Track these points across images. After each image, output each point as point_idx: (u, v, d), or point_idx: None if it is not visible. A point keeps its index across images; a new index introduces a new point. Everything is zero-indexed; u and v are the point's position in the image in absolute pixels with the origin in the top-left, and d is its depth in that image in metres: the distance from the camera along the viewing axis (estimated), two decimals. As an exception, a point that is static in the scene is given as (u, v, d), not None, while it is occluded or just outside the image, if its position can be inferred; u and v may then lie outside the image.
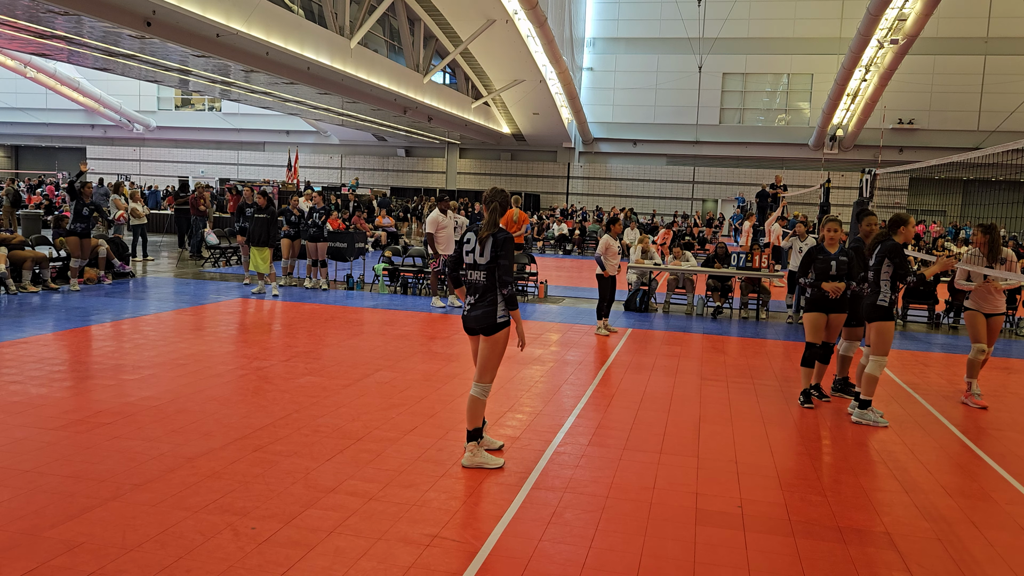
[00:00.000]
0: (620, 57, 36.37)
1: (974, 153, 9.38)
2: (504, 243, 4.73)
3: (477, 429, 4.85)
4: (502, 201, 4.87)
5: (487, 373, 4.80)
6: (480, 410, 4.83)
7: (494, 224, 4.83)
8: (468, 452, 4.84)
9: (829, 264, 6.65)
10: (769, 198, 21.47)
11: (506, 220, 4.96)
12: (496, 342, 4.77)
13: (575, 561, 3.69)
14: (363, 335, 9.15)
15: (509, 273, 4.72)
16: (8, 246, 11.42)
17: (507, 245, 4.73)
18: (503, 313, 4.74)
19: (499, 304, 4.74)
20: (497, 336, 4.76)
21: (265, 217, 12.02)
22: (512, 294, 4.70)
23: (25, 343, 7.79)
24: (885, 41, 25.16)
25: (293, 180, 27.37)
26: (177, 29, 14.99)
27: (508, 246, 4.74)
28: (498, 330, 4.75)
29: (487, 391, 4.82)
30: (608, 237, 10.30)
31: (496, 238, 4.76)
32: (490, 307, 4.75)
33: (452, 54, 26.53)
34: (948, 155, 11.23)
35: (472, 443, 4.84)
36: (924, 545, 4.08)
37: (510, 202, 4.94)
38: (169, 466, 4.62)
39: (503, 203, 4.87)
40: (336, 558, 3.60)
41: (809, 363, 6.78)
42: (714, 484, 4.78)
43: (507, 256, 4.72)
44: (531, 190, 37.56)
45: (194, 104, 40.95)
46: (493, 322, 4.74)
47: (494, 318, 4.74)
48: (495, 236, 4.78)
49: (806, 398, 6.77)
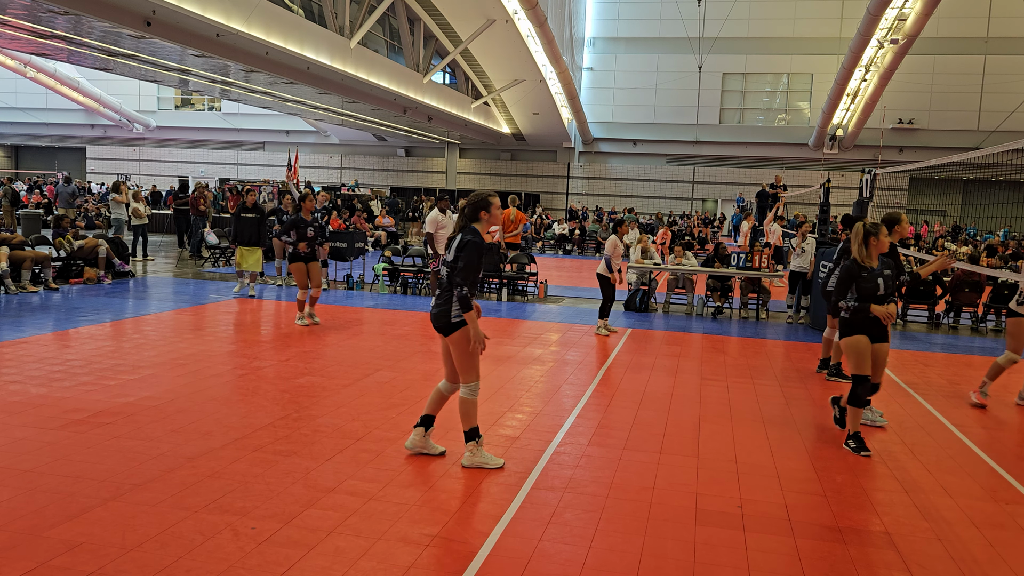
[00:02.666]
0: (620, 57, 36.37)
1: (974, 153, 9.38)
2: (467, 245, 4.64)
3: (474, 428, 4.84)
4: (475, 203, 4.78)
5: (465, 373, 4.77)
6: (472, 409, 4.81)
7: (463, 225, 4.79)
8: (468, 452, 4.85)
9: (876, 283, 5.51)
10: (769, 198, 21.49)
11: (503, 220, 4.98)
12: (456, 342, 4.73)
13: (575, 561, 3.69)
14: (363, 335, 9.14)
15: (465, 275, 4.60)
16: (8, 246, 11.41)
17: (470, 248, 4.63)
18: (457, 313, 4.67)
19: (454, 304, 4.68)
20: (454, 337, 4.72)
21: (254, 217, 11.86)
22: (464, 296, 4.60)
23: (25, 343, 7.79)
24: (885, 41, 25.16)
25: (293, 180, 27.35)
26: (177, 29, 14.99)
27: (471, 249, 4.64)
28: (454, 330, 4.71)
29: (474, 390, 4.79)
30: (615, 238, 10.18)
31: (462, 239, 4.70)
32: (445, 305, 4.72)
33: (452, 54, 26.53)
34: (948, 155, 11.23)
35: (472, 443, 4.84)
36: (924, 545, 4.08)
37: (488, 204, 4.79)
38: (169, 466, 4.62)
39: (476, 205, 4.77)
40: (336, 558, 3.60)
41: (862, 401, 5.58)
42: (714, 484, 4.78)
43: (467, 258, 4.61)
44: (531, 190, 37.55)
45: (194, 104, 40.95)
46: (447, 322, 4.71)
47: (448, 317, 4.70)
48: (461, 237, 4.72)
49: (860, 444, 5.55)
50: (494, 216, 4.82)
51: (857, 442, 5.57)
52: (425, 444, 5.04)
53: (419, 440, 5.03)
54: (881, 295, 5.56)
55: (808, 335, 10.70)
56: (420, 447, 5.03)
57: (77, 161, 43.44)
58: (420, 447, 5.03)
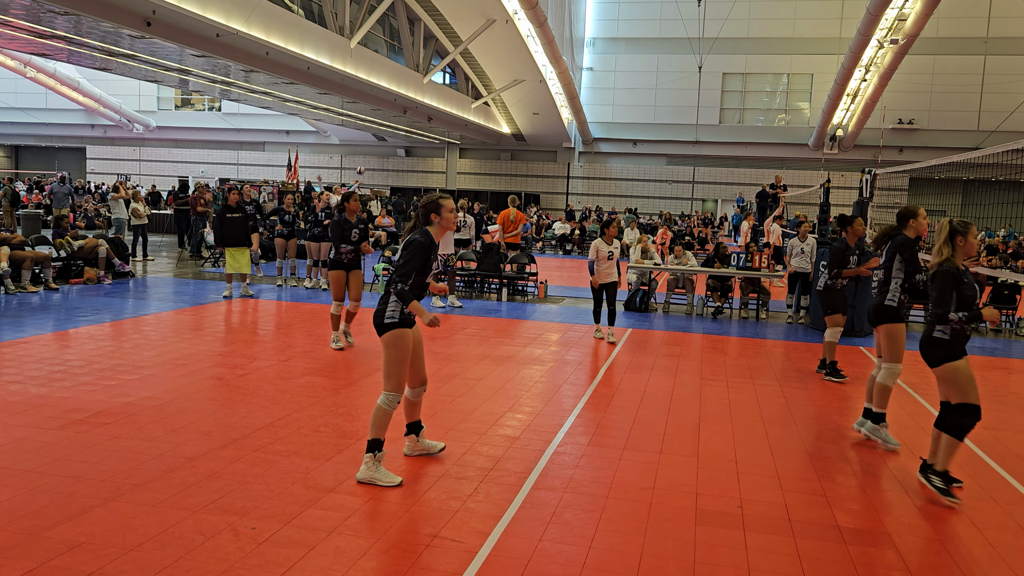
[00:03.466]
0: (620, 57, 36.37)
1: (974, 153, 9.39)
2: (411, 244, 4.56)
3: (378, 440, 4.54)
4: (426, 205, 4.67)
5: (388, 378, 4.57)
6: (382, 420, 4.54)
7: (413, 226, 4.71)
8: (363, 465, 4.55)
9: (974, 288, 4.83)
10: (769, 198, 21.49)
11: (502, 219, 4.97)
12: (386, 344, 4.58)
13: (575, 561, 3.69)
14: (363, 335, 9.14)
15: (402, 272, 4.51)
16: (8, 246, 11.42)
17: (414, 247, 4.54)
18: (391, 314, 4.56)
19: (390, 304, 4.58)
20: (386, 338, 4.57)
21: (239, 217, 11.58)
22: (401, 291, 4.48)
23: (25, 343, 7.79)
24: (885, 41, 25.16)
25: (293, 180, 27.36)
26: (177, 29, 14.99)
27: (415, 248, 4.53)
28: (385, 331, 4.57)
29: (391, 401, 4.54)
30: (600, 241, 9.36)
31: (409, 238, 4.62)
32: (381, 305, 4.62)
33: (452, 54, 26.53)
34: (948, 155, 11.24)
35: (370, 455, 4.53)
36: (924, 545, 4.08)
37: (439, 207, 4.65)
38: (169, 466, 4.62)
39: (427, 207, 4.66)
40: (336, 558, 3.60)
41: (963, 434, 4.72)
42: (714, 484, 4.78)
43: (408, 255, 4.53)
44: (531, 190, 37.56)
45: (194, 104, 40.95)
46: (381, 321, 4.59)
47: (382, 317, 4.59)
48: (410, 236, 4.64)
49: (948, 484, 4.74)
50: (445, 219, 4.66)
51: (946, 481, 4.73)
52: (423, 446, 5.02)
53: (415, 446, 5.00)
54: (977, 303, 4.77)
55: (808, 335, 10.70)
56: (419, 451, 5.02)
57: (77, 161, 43.44)
58: (419, 451, 5.02)
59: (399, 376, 4.57)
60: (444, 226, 4.68)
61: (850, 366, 8.64)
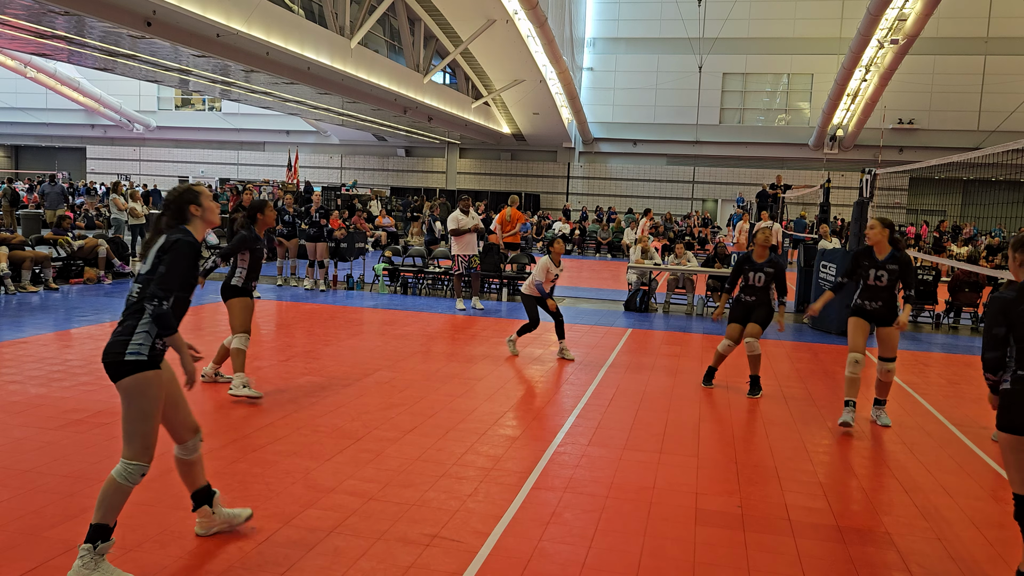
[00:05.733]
0: (620, 57, 36.36)
1: (974, 153, 9.38)
2: (175, 245, 3.33)
3: (103, 527, 3.20)
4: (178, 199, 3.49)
5: (128, 441, 3.25)
6: (118, 499, 3.23)
7: (167, 225, 3.47)
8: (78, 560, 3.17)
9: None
10: (769, 198, 21.49)
11: (500, 219, 4.88)
12: (127, 392, 3.22)
13: (575, 561, 3.69)
14: (363, 335, 9.14)
15: (163, 284, 3.26)
16: (8, 246, 11.42)
17: (179, 247, 3.32)
18: (139, 350, 3.24)
19: (137, 332, 3.27)
20: (126, 384, 3.21)
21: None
22: (164, 314, 3.25)
23: (25, 343, 7.79)
24: (885, 41, 25.15)
25: (293, 180, 27.36)
26: (177, 29, 14.99)
27: (180, 249, 3.33)
28: (126, 374, 3.21)
29: (133, 474, 3.22)
30: (549, 261, 8.24)
31: (168, 238, 3.37)
32: (121, 336, 3.27)
33: (452, 54, 26.53)
34: (948, 155, 11.22)
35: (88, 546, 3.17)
36: (924, 545, 4.08)
37: (197, 196, 3.51)
38: (169, 466, 4.60)
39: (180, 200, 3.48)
40: (336, 558, 3.60)
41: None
42: (714, 484, 4.78)
43: (172, 260, 3.30)
44: (531, 190, 37.54)
45: (194, 104, 40.94)
46: (120, 359, 3.21)
47: (122, 352, 3.22)
48: (167, 237, 3.38)
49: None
50: (208, 209, 3.54)
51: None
52: (223, 517, 3.72)
53: (210, 520, 3.69)
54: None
55: (808, 335, 10.70)
56: (218, 526, 3.71)
57: (77, 161, 43.42)
58: (218, 526, 3.71)
59: (147, 437, 3.27)
60: (208, 220, 3.56)
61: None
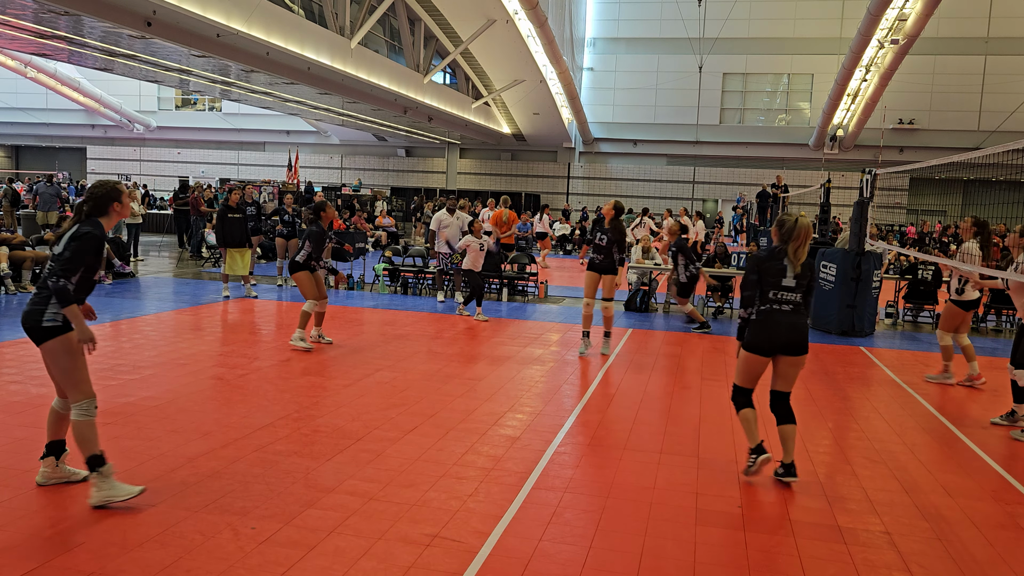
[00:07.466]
0: (620, 57, 36.36)
1: (974, 153, 9.37)
2: (83, 236, 3.99)
3: (96, 456, 4.00)
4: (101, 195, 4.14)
5: (71, 389, 4.01)
6: (88, 432, 4.00)
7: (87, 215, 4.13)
8: (93, 487, 4.02)
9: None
10: (770, 198, 21.49)
11: (496, 220, 4.87)
12: (51, 352, 4.00)
13: (575, 561, 3.69)
14: (363, 335, 9.14)
15: (67, 266, 3.93)
16: (9, 246, 11.42)
17: (86, 239, 3.99)
18: (53, 316, 3.96)
19: (52, 304, 3.96)
20: (49, 346, 3.99)
21: (239, 217, 11.61)
22: (62, 287, 3.90)
23: (25, 343, 7.79)
24: (885, 41, 25.15)
25: (293, 180, 27.36)
26: (177, 29, 14.98)
27: (87, 240, 3.98)
28: (48, 337, 3.97)
29: (88, 408, 4.01)
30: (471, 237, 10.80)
31: (78, 229, 4.04)
32: (37, 305, 4.00)
33: (452, 54, 26.53)
34: (948, 155, 11.23)
35: (95, 473, 4.01)
36: (924, 545, 4.08)
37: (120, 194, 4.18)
38: (169, 466, 4.62)
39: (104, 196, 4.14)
40: (336, 558, 3.60)
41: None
42: (714, 484, 4.78)
43: (78, 249, 3.96)
44: (531, 190, 37.54)
45: (194, 104, 40.95)
46: (38, 325, 3.97)
47: (40, 319, 3.97)
48: (79, 227, 4.05)
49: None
50: (125, 206, 4.22)
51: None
52: (62, 472, 4.29)
53: (53, 472, 4.25)
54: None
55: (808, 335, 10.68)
56: (57, 477, 4.26)
57: (78, 161, 43.43)
58: (57, 477, 4.26)
59: (82, 381, 4.02)
60: (122, 215, 4.22)
61: (850, 366, 8.64)
